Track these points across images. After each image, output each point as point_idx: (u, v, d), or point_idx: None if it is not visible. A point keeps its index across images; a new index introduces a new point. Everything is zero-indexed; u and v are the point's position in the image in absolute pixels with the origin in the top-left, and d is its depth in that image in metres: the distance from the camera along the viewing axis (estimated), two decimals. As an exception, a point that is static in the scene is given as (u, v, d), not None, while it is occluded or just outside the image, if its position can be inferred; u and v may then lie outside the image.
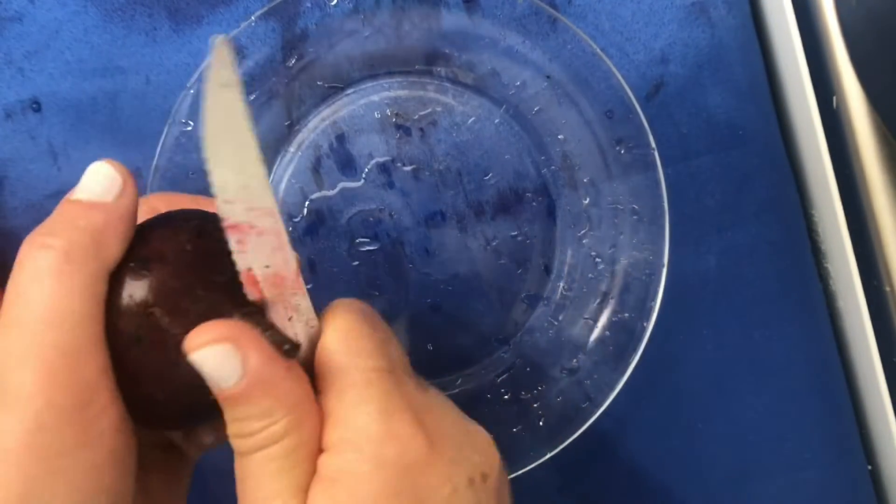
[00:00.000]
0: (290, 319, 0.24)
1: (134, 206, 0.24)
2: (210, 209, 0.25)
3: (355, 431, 0.23)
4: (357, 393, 0.23)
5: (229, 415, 0.23)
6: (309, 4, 0.34)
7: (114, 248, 0.23)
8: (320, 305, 0.25)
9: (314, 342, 0.25)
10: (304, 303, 0.25)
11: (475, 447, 0.24)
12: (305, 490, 0.23)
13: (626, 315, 0.34)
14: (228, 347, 0.22)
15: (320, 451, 0.23)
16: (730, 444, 0.38)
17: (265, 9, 0.33)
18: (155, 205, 0.27)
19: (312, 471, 0.23)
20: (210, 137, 0.22)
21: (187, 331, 0.22)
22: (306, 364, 0.25)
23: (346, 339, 0.24)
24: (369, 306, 0.26)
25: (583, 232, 0.36)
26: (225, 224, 0.23)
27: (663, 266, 0.33)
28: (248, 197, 0.23)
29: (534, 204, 0.36)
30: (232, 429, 0.23)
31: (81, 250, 0.22)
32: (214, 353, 0.22)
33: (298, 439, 0.23)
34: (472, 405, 0.30)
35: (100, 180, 0.23)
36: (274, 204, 0.23)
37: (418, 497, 0.22)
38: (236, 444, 0.23)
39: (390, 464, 0.22)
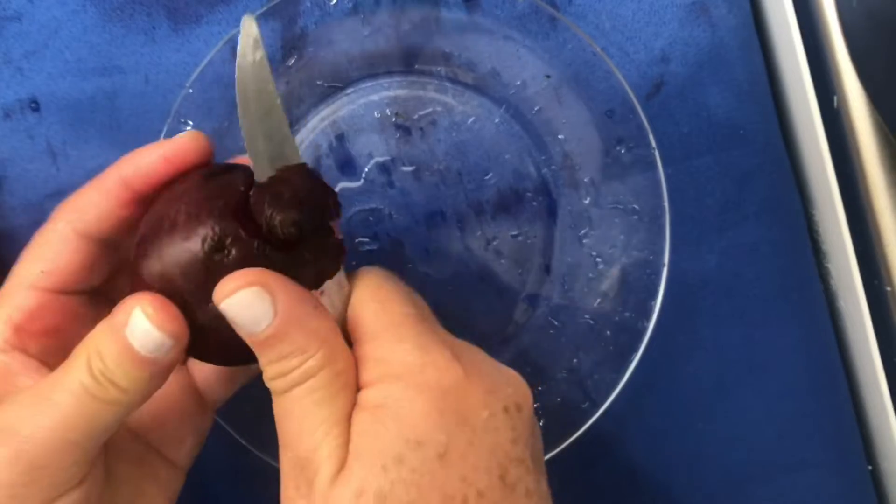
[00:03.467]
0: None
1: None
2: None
3: (394, 365, 0.24)
4: (392, 333, 0.25)
5: (265, 358, 0.24)
6: (308, 4, 0.34)
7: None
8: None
9: (346, 302, 0.26)
10: None
11: (508, 381, 0.26)
12: (347, 419, 0.24)
13: (627, 315, 0.34)
14: (257, 290, 0.23)
15: (359, 389, 0.24)
16: (730, 444, 0.37)
17: (265, 8, 0.33)
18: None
19: (351, 401, 0.24)
20: (243, 110, 0.25)
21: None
22: (341, 324, 0.26)
23: (377, 290, 0.26)
24: (390, 272, 0.28)
25: (583, 232, 0.36)
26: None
27: (664, 266, 0.33)
28: (281, 162, 0.25)
29: (534, 204, 0.36)
30: (269, 371, 0.24)
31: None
32: (244, 297, 0.23)
33: (335, 370, 0.24)
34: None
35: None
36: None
37: (461, 416, 0.23)
38: (274, 384, 0.24)
39: (431, 387, 0.23)
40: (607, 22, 0.37)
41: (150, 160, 0.26)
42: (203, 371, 0.30)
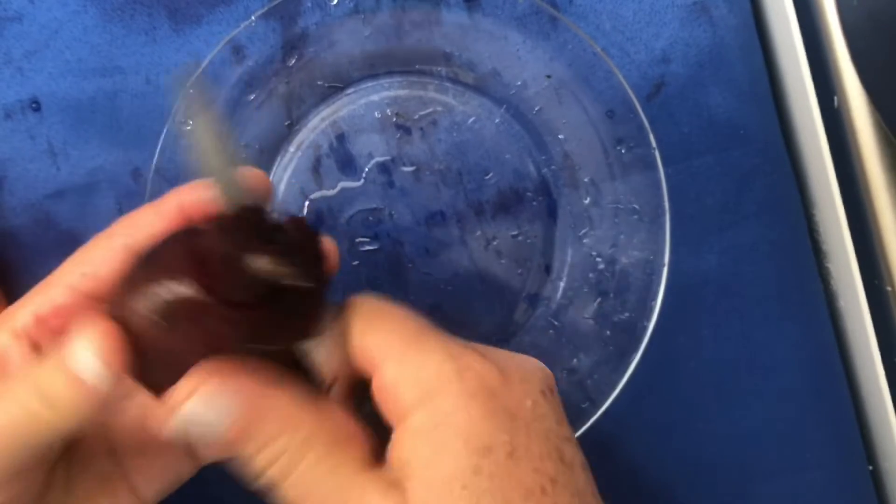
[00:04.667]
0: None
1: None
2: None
3: (431, 380, 0.23)
4: (416, 348, 0.24)
5: (249, 455, 0.23)
6: (309, 4, 0.34)
7: None
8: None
9: (342, 337, 0.25)
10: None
11: (535, 367, 0.26)
12: (368, 466, 0.23)
13: (627, 315, 0.34)
14: (208, 392, 0.22)
15: (401, 418, 0.24)
16: (730, 444, 0.37)
17: (265, 9, 0.33)
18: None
19: (358, 449, 0.23)
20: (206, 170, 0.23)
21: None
22: (341, 360, 0.25)
23: (378, 314, 0.25)
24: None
25: (583, 232, 0.36)
26: None
27: (664, 266, 0.33)
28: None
29: (534, 204, 0.36)
30: (257, 465, 0.23)
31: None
32: (198, 405, 0.22)
33: (327, 433, 0.23)
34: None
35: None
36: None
37: (510, 414, 0.23)
38: (270, 475, 0.23)
39: (476, 392, 0.23)
40: (608, 22, 0.37)
41: (210, 193, 0.26)
42: None
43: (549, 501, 0.22)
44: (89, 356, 0.22)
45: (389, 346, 0.24)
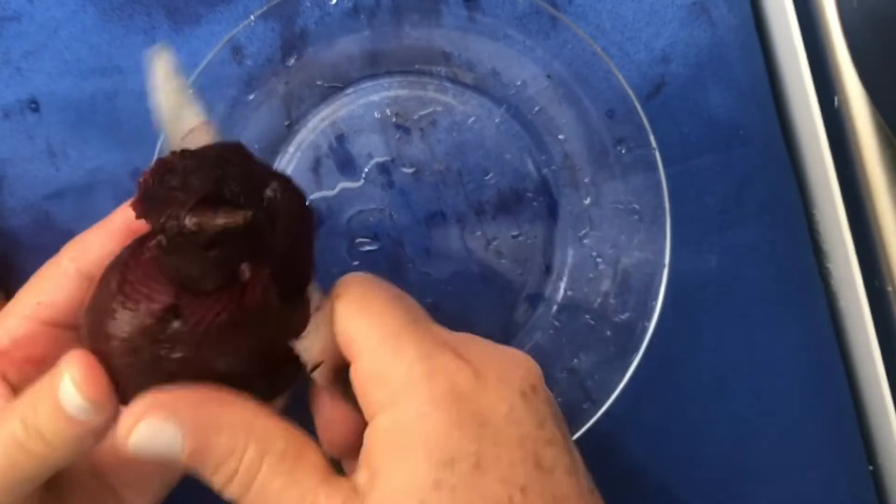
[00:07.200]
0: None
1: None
2: None
3: (401, 382, 0.23)
4: (389, 347, 0.23)
5: (203, 473, 0.23)
6: (308, 4, 0.34)
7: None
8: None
9: (329, 320, 0.25)
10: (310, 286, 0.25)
11: (516, 364, 0.25)
12: (325, 479, 0.23)
13: (627, 315, 0.34)
14: (150, 421, 0.22)
15: (371, 416, 0.23)
16: (730, 444, 0.37)
17: (264, 8, 0.33)
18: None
19: (317, 462, 0.23)
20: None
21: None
22: (326, 346, 0.25)
23: (361, 304, 0.24)
24: (374, 276, 0.26)
25: (584, 232, 0.36)
26: None
27: (664, 266, 0.33)
28: None
29: (534, 204, 0.36)
30: (215, 482, 0.23)
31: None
32: (143, 434, 0.22)
33: (277, 452, 0.23)
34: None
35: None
36: None
37: (480, 420, 0.22)
38: (230, 492, 0.23)
39: (444, 398, 0.22)
40: (608, 22, 0.37)
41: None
42: None
43: None
44: (74, 392, 0.22)
45: (367, 337, 0.24)
